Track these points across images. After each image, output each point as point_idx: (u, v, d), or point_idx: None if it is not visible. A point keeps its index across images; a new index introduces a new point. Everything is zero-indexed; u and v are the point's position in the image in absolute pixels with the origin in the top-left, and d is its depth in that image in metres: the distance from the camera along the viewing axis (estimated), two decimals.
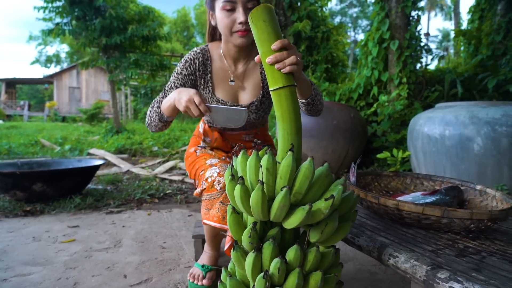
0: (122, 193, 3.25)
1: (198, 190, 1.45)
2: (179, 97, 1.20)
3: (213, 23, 1.39)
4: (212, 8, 1.34)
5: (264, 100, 1.49)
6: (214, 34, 1.49)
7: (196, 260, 1.78)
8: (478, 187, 1.55)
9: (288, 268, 0.88)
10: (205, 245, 1.60)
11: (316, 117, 3.69)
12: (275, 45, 0.91)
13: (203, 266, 1.52)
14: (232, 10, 1.25)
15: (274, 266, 0.86)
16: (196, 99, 1.16)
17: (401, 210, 1.19)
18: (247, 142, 1.62)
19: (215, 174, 1.38)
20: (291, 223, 0.86)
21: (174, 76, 1.43)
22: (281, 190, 0.84)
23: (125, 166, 4.74)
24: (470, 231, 1.17)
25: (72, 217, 2.60)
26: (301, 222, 0.84)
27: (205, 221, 1.40)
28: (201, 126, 1.64)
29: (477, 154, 2.60)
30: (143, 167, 4.71)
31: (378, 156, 3.51)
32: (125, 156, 5.73)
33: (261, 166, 0.89)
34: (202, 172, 1.43)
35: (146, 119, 1.42)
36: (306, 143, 3.68)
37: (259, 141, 1.00)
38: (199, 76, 1.43)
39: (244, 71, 1.45)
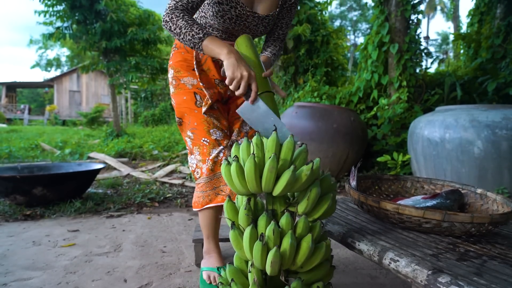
0: (122, 197, 3.25)
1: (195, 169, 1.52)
2: (235, 63, 1.15)
3: None
4: None
5: (275, 17, 1.50)
6: None
7: (197, 264, 1.78)
8: (479, 190, 1.55)
9: (282, 233, 0.99)
10: (207, 247, 1.59)
11: (316, 121, 3.70)
12: (264, 74, 1.23)
13: (218, 268, 1.51)
14: None
15: (269, 229, 0.98)
16: (254, 83, 1.15)
17: (401, 214, 1.19)
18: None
19: (214, 157, 1.45)
20: (280, 186, 1.00)
21: None
22: (269, 158, 0.99)
23: (125, 169, 4.74)
24: (471, 235, 1.17)
25: (72, 221, 2.59)
26: (287, 183, 0.98)
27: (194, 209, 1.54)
28: None
29: (477, 158, 2.60)
30: (143, 171, 4.71)
31: (379, 159, 3.51)
32: (125, 159, 5.73)
33: (251, 141, 1.06)
34: (203, 148, 1.46)
35: (171, 25, 1.24)
36: None
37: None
38: None
39: None
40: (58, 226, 2.48)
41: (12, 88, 31.87)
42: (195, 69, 1.50)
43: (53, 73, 44.17)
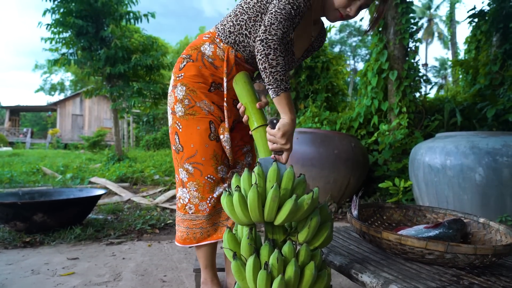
0: (123, 223, 3.23)
1: (183, 197, 1.44)
2: (291, 133, 1.15)
3: None
4: None
5: (301, 60, 1.53)
6: None
7: None
8: (481, 220, 1.54)
9: (285, 262, 1.01)
10: (204, 277, 1.57)
11: (317, 147, 3.72)
12: (258, 104, 1.26)
13: None
14: None
15: (273, 257, 0.99)
16: (288, 155, 1.16)
17: (404, 244, 1.18)
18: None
19: (215, 196, 1.40)
20: (282, 215, 1.01)
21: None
22: (271, 188, 1.02)
23: (126, 195, 4.72)
24: (475, 267, 1.16)
25: (72, 249, 2.57)
26: (290, 212, 1.00)
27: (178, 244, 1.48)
28: (220, 49, 1.38)
29: (479, 185, 2.59)
30: (144, 196, 4.70)
31: (380, 185, 3.50)
32: (126, 184, 5.72)
33: (253, 171, 1.08)
34: (206, 186, 1.39)
35: (271, 52, 1.11)
36: (307, 172, 3.69)
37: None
38: (304, 13, 1.25)
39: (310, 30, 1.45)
40: (57, 253, 2.45)
41: (15, 112, 32.22)
42: (225, 86, 1.38)
43: (57, 97, 44.75)
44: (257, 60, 1.14)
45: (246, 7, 1.34)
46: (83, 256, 2.40)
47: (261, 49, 1.12)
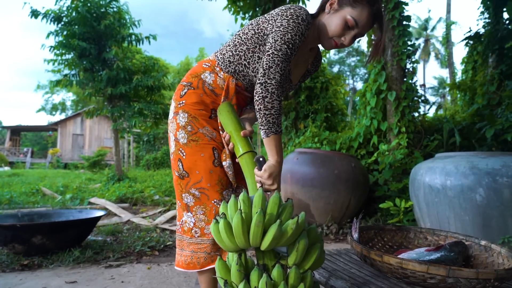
0: (122, 245, 3.20)
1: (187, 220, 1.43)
2: (278, 173, 1.22)
3: (334, 6, 1.32)
4: (341, 4, 1.31)
5: (298, 85, 1.55)
6: (322, 8, 1.38)
7: None
8: (483, 242, 1.53)
9: (274, 285, 1.01)
10: None
11: (317, 167, 3.72)
12: (243, 133, 1.31)
13: None
14: (349, 28, 1.29)
15: (262, 282, 0.99)
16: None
17: (405, 268, 1.18)
18: (247, 109, 1.53)
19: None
20: (267, 240, 1.02)
21: (299, 36, 1.25)
22: (255, 213, 1.02)
23: (125, 215, 4.69)
24: None
25: (70, 272, 2.54)
26: (274, 237, 1.01)
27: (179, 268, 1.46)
28: (220, 78, 1.41)
29: (480, 205, 2.59)
30: (143, 217, 4.67)
31: (381, 206, 3.49)
32: (126, 205, 5.69)
33: (238, 198, 1.09)
34: (212, 210, 1.39)
35: (268, 96, 1.19)
36: (307, 192, 3.68)
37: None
38: (299, 47, 1.30)
39: (305, 60, 1.49)
40: (55, 277, 2.42)
41: (16, 131, 32.33)
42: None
43: (58, 116, 44.99)
44: (254, 100, 1.20)
45: (244, 38, 1.37)
46: (82, 279, 2.38)
47: (259, 91, 1.19)
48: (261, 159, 1.23)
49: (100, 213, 3.31)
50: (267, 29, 1.32)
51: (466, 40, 5.91)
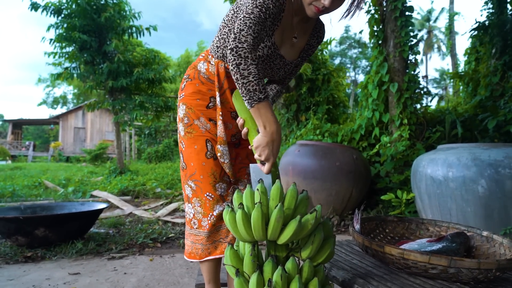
0: (125, 237, 3.22)
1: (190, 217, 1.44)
2: (272, 141, 1.13)
3: None
4: None
5: (298, 65, 1.47)
6: None
7: None
8: (485, 233, 1.53)
9: (288, 278, 1.01)
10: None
11: (319, 159, 3.72)
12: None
13: None
14: None
15: (276, 274, 0.99)
16: (271, 166, 1.15)
17: (407, 259, 1.18)
18: None
19: (215, 213, 1.39)
20: (286, 235, 1.01)
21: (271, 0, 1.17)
22: (275, 207, 1.02)
23: (127, 208, 4.71)
24: (479, 281, 1.15)
25: (73, 263, 2.56)
26: (294, 232, 1.00)
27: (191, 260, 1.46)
28: (212, 65, 1.40)
29: (482, 197, 2.58)
30: (146, 209, 4.69)
31: (383, 197, 3.49)
32: (128, 198, 5.71)
33: (257, 189, 1.07)
34: (206, 203, 1.38)
35: (241, 63, 1.08)
36: (309, 185, 3.68)
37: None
38: (279, 10, 1.23)
39: (297, 32, 1.39)
40: (59, 268, 2.44)
41: (18, 125, 32.38)
42: (217, 100, 1.38)
43: (59, 110, 45.02)
44: (230, 70, 1.10)
45: (226, 20, 1.36)
46: (85, 271, 2.39)
47: (231, 59, 1.08)
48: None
49: (102, 205, 3.33)
50: (243, 4, 1.25)
51: (472, 32, 5.85)
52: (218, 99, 1.38)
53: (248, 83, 1.08)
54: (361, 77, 40.84)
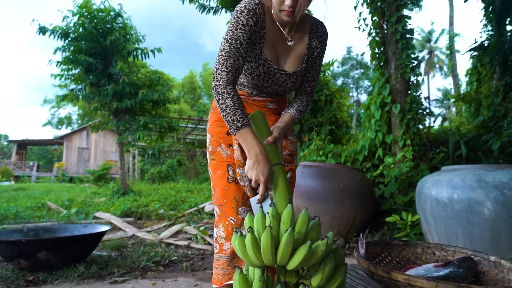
0: (127, 260, 3.19)
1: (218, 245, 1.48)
2: (252, 166, 1.21)
3: None
4: None
5: (303, 73, 1.48)
6: None
7: None
8: (492, 258, 1.51)
9: None
10: None
11: (323, 181, 3.71)
12: (266, 141, 1.29)
13: None
14: None
15: None
16: (264, 187, 1.20)
17: (413, 285, 1.16)
18: (271, 109, 1.55)
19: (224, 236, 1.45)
20: (296, 261, 1.00)
21: (240, 29, 1.28)
22: (285, 232, 1.01)
23: (130, 230, 4.68)
24: None
25: None
26: (304, 258, 0.98)
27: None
28: None
29: (488, 219, 2.55)
30: (148, 231, 4.65)
31: (388, 219, 3.45)
32: (130, 219, 5.68)
33: (267, 213, 1.08)
34: (229, 227, 1.44)
35: (220, 98, 1.25)
36: (313, 206, 3.66)
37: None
38: (256, 29, 1.34)
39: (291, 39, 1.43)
40: None
41: (23, 145, 32.62)
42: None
43: (64, 130, 45.36)
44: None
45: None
46: None
47: (215, 97, 1.26)
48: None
49: (105, 228, 3.31)
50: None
51: (471, 52, 5.91)
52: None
53: (227, 115, 1.24)
54: (363, 97, 41.09)
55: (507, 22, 5.25)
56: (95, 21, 8.30)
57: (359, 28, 5.00)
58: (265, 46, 1.38)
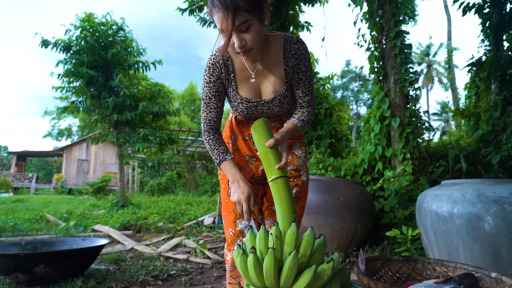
0: (125, 274, 3.16)
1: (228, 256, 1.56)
2: (238, 185, 1.39)
3: None
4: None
5: (287, 94, 1.51)
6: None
7: None
8: (493, 274, 1.50)
9: None
10: None
11: (323, 194, 3.70)
12: (270, 141, 1.31)
13: None
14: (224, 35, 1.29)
15: None
16: (242, 207, 1.34)
17: None
18: (273, 127, 1.64)
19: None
20: (300, 285, 0.96)
21: (206, 86, 1.49)
22: (289, 254, 0.97)
23: (129, 243, 4.65)
24: None
25: None
26: (309, 283, 0.94)
27: None
28: (229, 119, 1.73)
29: (489, 234, 2.54)
30: (147, 245, 4.62)
31: (388, 234, 3.43)
32: (129, 232, 5.64)
33: (271, 233, 1.04)
34: (229, 238, 1.54)
35: (204, 141, 1.54)
36: (313, 220, 3.64)
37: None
38: (224, 77, 1.48)
39: (264, 68, 1.47)
40: None
41: (22, 157, 32.58)
42: (231, 148, 1.63)
43: (64, 142, 45.40)
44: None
45: None
46: None
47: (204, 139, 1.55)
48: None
49: (103, 241, 3.29)
50: None
51: (469, 67, 5.97)
52: (231, 145, 1.63)
53: (211, 153, 1.51)
54: (363, 110, 41.28)
55: (504, 38, 5.31)
56: (97, 34, 8.40)
57: (358, 45, 5.05)
58: (238, 87, 1.49)
